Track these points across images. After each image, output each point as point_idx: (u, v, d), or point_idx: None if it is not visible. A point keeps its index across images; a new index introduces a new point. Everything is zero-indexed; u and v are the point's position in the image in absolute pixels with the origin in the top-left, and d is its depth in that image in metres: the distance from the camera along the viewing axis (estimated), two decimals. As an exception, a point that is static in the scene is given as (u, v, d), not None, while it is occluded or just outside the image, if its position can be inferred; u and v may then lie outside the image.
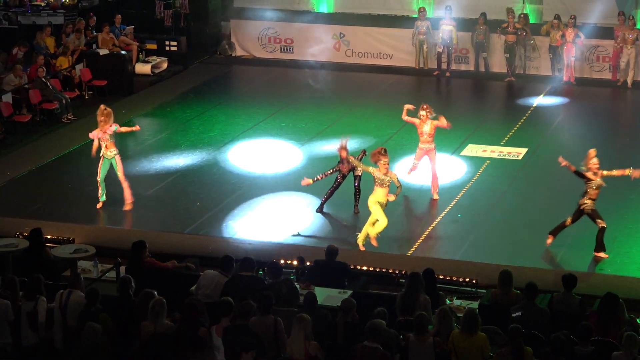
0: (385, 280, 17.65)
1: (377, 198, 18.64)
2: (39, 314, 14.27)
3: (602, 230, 18.41)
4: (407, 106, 21.41)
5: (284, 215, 20.76)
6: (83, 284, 14.98)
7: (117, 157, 20.62)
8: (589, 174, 18.48)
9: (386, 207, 18.58)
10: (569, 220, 18.72)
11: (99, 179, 20.69)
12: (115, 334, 13.86)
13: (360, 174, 20.08)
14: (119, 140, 21.31)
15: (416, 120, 21.17)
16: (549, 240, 18.87)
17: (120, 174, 20.67)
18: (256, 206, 21.66)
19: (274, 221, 20.61)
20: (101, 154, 20.57)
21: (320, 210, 20.49)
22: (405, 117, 21.47)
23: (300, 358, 12.96)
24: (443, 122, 21.12)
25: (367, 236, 18.81)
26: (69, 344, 14.17)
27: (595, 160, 18.63)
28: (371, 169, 18.74)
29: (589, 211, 18.48)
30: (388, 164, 18.68)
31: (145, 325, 13.50)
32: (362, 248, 18.77)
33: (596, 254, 18.55)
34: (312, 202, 20.92)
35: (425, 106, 21.22)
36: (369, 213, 18.97)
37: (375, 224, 18.72)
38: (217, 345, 13.22)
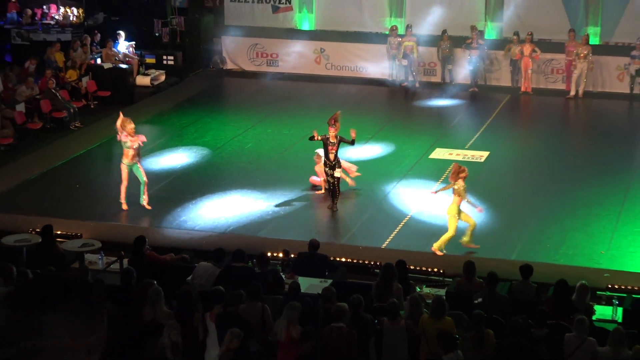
0: (362, 271, 17.72)
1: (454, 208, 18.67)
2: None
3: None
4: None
5: (272, 212, 20.82)
6: (90, 275, 15.05)
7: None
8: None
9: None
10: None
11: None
12: (119, 320, 13.89)
13: (340, 175, 20.14)
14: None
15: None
16: None
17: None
18: (247, 203, 21.71)
19: (263, 217, 20.67)
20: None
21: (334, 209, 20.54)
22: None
23: (283, 339, 13.04)
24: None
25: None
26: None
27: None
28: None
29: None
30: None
31: (145, 312, 13.57)
32: (439, 253, 18.53)
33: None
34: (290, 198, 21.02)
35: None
36: (345, 210, 19.10)
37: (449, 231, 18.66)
38: (211, 330, 13.29)
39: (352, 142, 20.35)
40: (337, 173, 20.09)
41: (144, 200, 20.53)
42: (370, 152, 24.35)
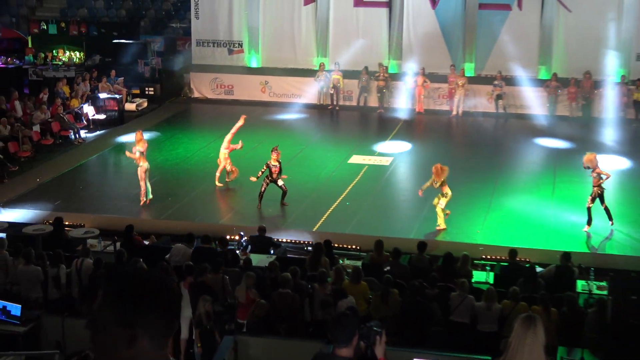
0: (299, 248, 17.73)
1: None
2: (61, 278, 14.20)
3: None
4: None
5: (230, 205, 20.77)
6: (91, 255, 14.94)
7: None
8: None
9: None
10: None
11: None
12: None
13: (282, 183, 20.13)
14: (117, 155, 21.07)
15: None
16: None
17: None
18: (211, 198, 21.63)
19: (223, 209, 20.61)
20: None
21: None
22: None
23: (243, 301, 13.03)
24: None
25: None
26: (82, 296, 14.10)
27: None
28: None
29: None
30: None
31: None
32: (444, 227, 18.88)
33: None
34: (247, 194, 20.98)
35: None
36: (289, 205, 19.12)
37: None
38: (185, 295, 13.24)
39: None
40: (280, 182, 20.06)
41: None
42: (304, 158, 24.36)
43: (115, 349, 3.22)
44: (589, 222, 18.58)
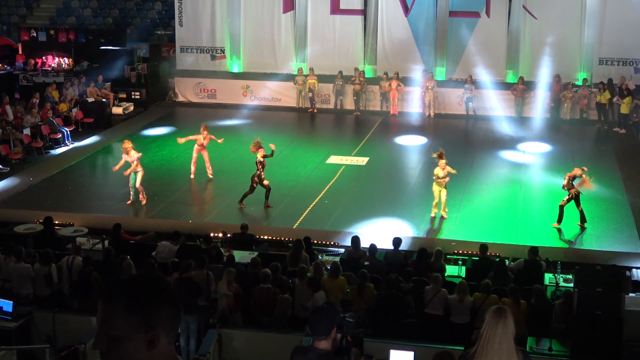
0: (279, 245, 17.67)
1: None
2: (53, 276, 14.12)
3: None
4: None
5: (214, 203, 20.69)
6: (81, 253, 14.85)
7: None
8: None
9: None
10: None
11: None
12: (103, 285, 13.73)
13: (267, 183, 20.00)
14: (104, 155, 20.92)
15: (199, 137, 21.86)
16: None
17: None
18: (196, 197, 21.56)
19: (207, 207, 20.53)
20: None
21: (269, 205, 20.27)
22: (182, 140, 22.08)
23: (225, 294, 13.01)
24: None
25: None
26: (73, 291, 14.02)
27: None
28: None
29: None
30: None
31: (122, 279, 13.46)
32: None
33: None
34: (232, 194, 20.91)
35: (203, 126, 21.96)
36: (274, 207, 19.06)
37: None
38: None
39: (271, 154, 20.18)
40: (265, 182, 19.95)
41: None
42: (284, 159, 24.30)
43: (138, 354, 3.14)
44: (559, 220, 18.59)
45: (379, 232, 18.21)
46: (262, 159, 19.74)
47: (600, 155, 25.30)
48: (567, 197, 18.45)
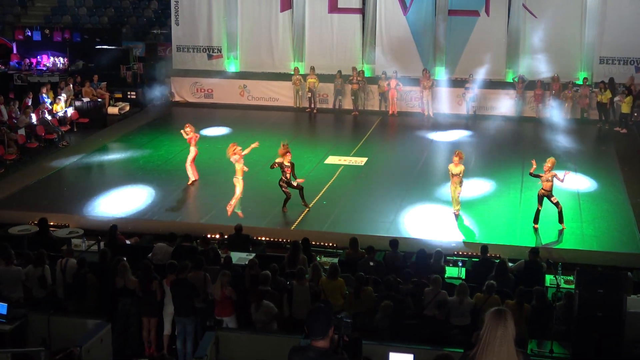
0: (277, 246, 17.67)
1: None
2: (46, 278, 14.10)
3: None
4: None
5: (211, 204, 20.68)
6: (74, 254, 14.85)
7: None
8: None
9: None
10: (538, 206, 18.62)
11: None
12: (98, 287, 13.74)
13: (296, 183, 19.95)
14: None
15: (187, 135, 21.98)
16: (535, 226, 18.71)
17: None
18: (191, 198, 21.54)
19: (204, 208, 20.52)
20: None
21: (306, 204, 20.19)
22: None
23: (218, 298, 13.00)
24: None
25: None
26: (67, 294, 14.01)
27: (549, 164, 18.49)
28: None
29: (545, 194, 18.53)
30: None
31: (117, 280, 13.49)
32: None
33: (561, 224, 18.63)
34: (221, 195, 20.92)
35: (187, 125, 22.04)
36: (264, 201, 19.00)
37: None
38: (167, 292, 13.20)
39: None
40: (295, 182, 19.92)
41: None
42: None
43: None
44: (560, 220, 18.64)
45: (377, 233, 18.21)
46: (288, 163, 19.68)
47: (601, 155, 25.31)
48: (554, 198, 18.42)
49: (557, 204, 18.42)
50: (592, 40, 30.25)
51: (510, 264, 15.31)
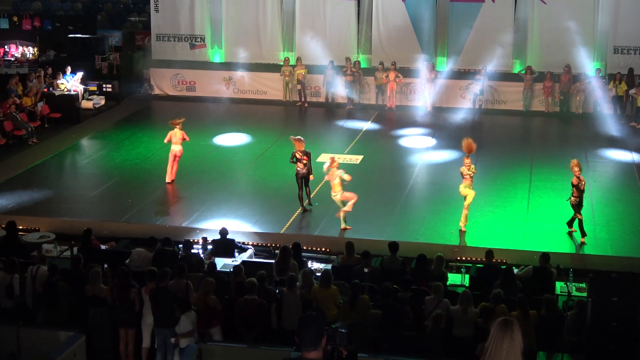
0: (266, 251, 17.64)
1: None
2: (14, 288, 14.07)
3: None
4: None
5: (193, 207, 20.66)
6: (47, 261, 14.81)
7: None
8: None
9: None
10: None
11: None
12: (71, 296, 13.73)
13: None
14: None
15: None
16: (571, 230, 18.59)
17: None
18: (173, 200, 21.53)
19: (186, 211, 20.51)
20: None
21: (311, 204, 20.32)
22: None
23: (201, 308, 12.97)
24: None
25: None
26: (37, 304, 13.99)
27: (577, 169, 18.18)
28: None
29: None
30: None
31: (87, 289, 13.52)
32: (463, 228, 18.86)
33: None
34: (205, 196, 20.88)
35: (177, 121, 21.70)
36: (252, 202, 18.98)
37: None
38: (146, 301, 13.18)
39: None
40: (311, 177, 20.06)
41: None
42: (271, 157, 24.33)
43: None
44: (582, 233, 18.44)
45: (374, 237, 18.23)
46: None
47: (615, 152, 25.29)
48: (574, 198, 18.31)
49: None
50: (606, 29, 30.29)
51: (516, 270, 15.33)
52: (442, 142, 26.25)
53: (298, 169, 19.93)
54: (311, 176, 20.11)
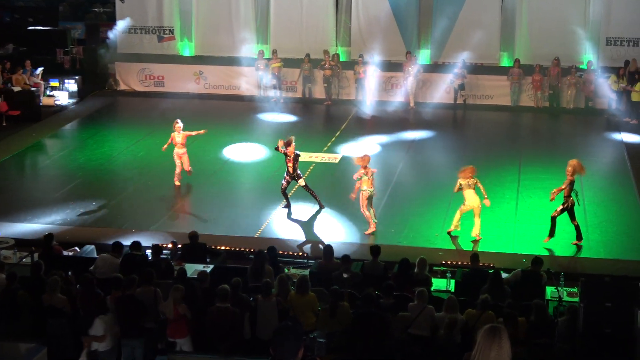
0: (239, 256, 17.61)
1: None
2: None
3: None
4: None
5: (162, 209, 20.61)
6: (5, 268, 14.74)
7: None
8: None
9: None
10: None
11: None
12: (31, 305, 13.65)
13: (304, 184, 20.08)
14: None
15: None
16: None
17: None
18: (140, 202, 21.46)
19: (154, 214, 20.45)
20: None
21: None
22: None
23: (171, 317, 12.93)
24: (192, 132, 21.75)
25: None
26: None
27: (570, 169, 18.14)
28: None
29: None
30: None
31: (44, 298, 13.47)
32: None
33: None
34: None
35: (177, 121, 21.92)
36: (224, 204, 18.95)
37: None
38: (112, 310, 13.13)
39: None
40: (302, 182, 20.03)
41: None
42: (247, 157, 24.31)
43: None
44: (551, 234, 18.32)
45: (354, 241, 18.23)
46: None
47: (608, 150, 25.45)
48: (561, 206, 18.21)
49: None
50: (598, 19, 30.46)
51: (504, 274, 15.37)
52: (425, 140, 26.31)
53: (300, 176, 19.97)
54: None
